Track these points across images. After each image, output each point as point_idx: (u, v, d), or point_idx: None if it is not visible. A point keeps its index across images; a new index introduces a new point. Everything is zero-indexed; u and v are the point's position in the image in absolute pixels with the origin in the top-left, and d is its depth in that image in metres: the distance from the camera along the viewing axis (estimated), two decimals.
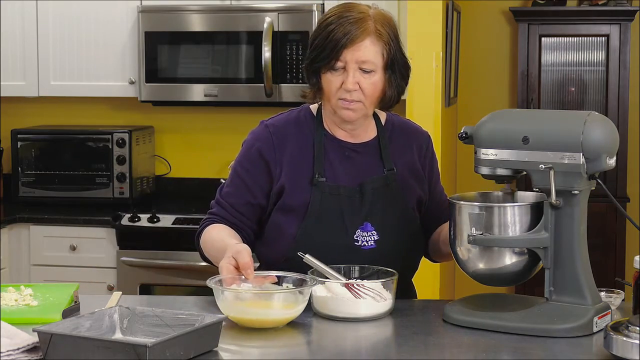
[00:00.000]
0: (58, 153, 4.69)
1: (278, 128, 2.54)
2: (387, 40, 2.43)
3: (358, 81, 2.42)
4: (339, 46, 2.40)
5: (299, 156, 2.50)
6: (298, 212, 2.48)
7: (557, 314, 2.16)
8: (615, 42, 5.10)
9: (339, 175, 2.50)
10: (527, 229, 2.21)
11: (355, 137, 2.54)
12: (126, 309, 2.10)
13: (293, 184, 2.49)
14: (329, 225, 2.47)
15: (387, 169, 2.52)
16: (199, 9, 4.53)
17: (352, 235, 2.47)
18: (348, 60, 2.41)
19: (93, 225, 4.41)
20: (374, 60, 2.42)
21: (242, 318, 2.18)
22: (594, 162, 2.14)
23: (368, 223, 2.48)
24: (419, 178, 2.58)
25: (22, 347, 1.95)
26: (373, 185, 2.50)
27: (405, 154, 2.57)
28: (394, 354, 2.11)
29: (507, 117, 2.30)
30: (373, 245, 2.48)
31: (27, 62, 4.72)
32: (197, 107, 4.84)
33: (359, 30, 2.40)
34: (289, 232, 2.48)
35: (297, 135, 2.53)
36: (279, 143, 2.51)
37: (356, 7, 2.45)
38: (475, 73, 5.42)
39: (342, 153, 2.52)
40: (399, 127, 2.60)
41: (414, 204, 2.56)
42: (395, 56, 2.45)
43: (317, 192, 2.47)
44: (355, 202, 2.49)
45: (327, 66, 2.43)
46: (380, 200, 2.50)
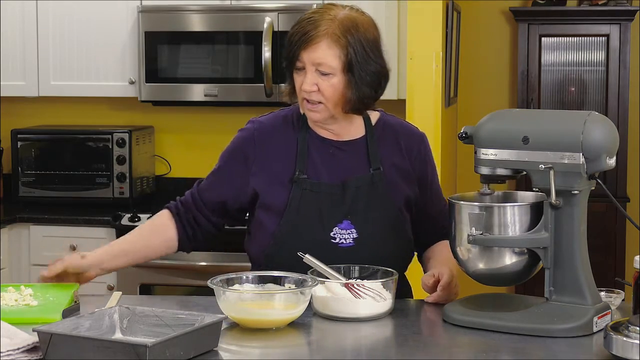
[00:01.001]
0: (58, 153, 4.68)
1: (263, 125, 2.58)
2: (345, 44, 2.41)
3: (316, 82, 2.43)
4: (296, 46, 2.43)
5: (281, 154, 2.53)
6: (278, 209, 2.50)
7: (557, 314, 2.16)
8: (615, 42, 5.10)
9: (322, 173, 2.51)
10: (527, 229, 2.21)
11: (340, 135, 2.55)
12: (126, 309, 2.10)
13: (274, 181, 2.51)
14: (307, 222, 2.48)
15: (373, 168, 2.52)
16: (199, 9, 4.53)
17: (329, 233, 2.48)
18: (305, 61, 2.43)
19: (93, 225, 4.41)
20: (331, 63, 2.42)
21: (243, 318, 2.18)
22: (594, 162, 2.14)
23: (348, 221, 2.49)
24: (408, 178, 2.57)
25: (22, 347, 1.95)
26: (357, 184, 2.50)
27: (394, 153, 2.56)
28: (394, 354, 2.11)
29: (507, 117, 2.30)
30: (351, 243, 2.48)
31: (27, 62, 4.72)
32: (197, 107, 4.84)
33: (315, 32, 2.41)
34: (269, 229, 2.51)
35: (282, 133, 2.55)
36: (261, 140, 2.55)
37: (331, 9, 2.46)
38: (475, 73, 5.42)
39: (325, 151, 2.53)
40: (391, 127, 2.60)
41: (402, 205, 2.55)
42: (356, 61, 2.42)
43: (297, 189, 2.49)
44: (336, 199, 2.49)
45: (291, 66, 2.47)
46: (363, 198, 2.50)
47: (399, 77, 4.38)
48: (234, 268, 2.71)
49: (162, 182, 4.97)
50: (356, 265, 2.42)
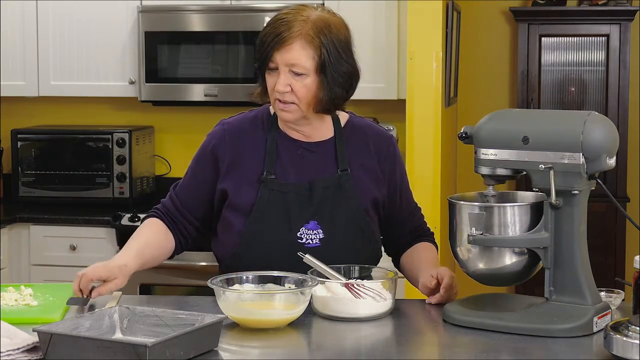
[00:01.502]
0: (58, 153, 4.68)
1: (233, 126, 2.58)
2: (318, 45, 2.42)
3: (290, 83, 2.44)
4: (270, 47, 2.44)
5: (250, 155, 2.54)
6: (246, 209, 2.50)
7: (557, 314, 2.16)
8: (615, 42, 5.10)
9: (290, 174, 2.52)
10: (527, 229, 2.21)
11: (309, 136, 2.56)
12: (126, 309, 2.10)
13: (242, 182, 2.52)
14: (274, 222, 2.48)
15: (341, 169, 2.53)
16: (199, 9, 4.53)
17: (296, 233, 2.48)
18: (279, 62, 2.44)
19: (93, 225, 4.41)
20: (304, 64, 2.43)
21: (243, 318, 2.18)
22: (594, 162, 2.14)
23: (315, 221, 2.49)
24: (377, 180, 2.57)
25: (22, 347, 1.95)
26: (324, 184, 2.51)
27: (362, 154, 2.57)
28: (394, 354, 2.11)
29: (507, 117, 2.30)
30: (318, 243, 2.48)
31: (27, 62, 4.72)
32: (197, 107, 4.84)
33: (289, 33, 2.42)
34: (236, 229, 2.51)
35: (252, 134, 2.56)
36: (230, 141, 2.55)
37: (303, 10, 2.47)
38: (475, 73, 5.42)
39: (294, 152, 2.54)
40: (360, 128, 2.60)
41: (369, 206, 2.55)
42: (329, 61, 2.43)
43: (265, 189, 2.50)
44: (304, 200, 2.50)
45: (263, 66, 2.47)
46: (330, 199, 2.50)
47: (399, 77, 4.39)
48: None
49: (162, 182, 4.97)
50: (356, 265, 2.42)
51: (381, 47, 4.42)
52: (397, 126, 4.48)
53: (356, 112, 2.68)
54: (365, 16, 4.45)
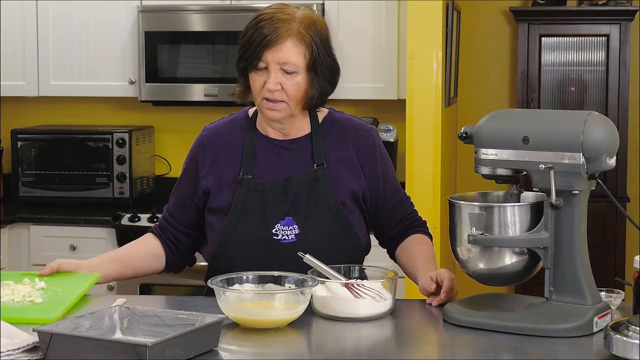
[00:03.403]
0: (58, 153, 4.68)
1: (211, 131, 2.66)
2: (309, 42, 2.46)
3: (280, 82, 2.46)
4: (261, 46, 2.45)
5: (228, 157, 2.58)
6: (224, 210, 2.54)
7: (557, 314, 2.16)
8: (615, 42, 5.10)
9: (266, 173, 2.55)
10: (527, 229, 2.21)
11: (286, 134, 2.58)
12: (126, 309, 2.10)
13: (220, 184, 2.56)
14: (250, 220, 2.51)
15: (316, 164, 2.54)
16: (199, 8, 4.53)
17: (272, 230, 2.50)
18: (269, 60, 2.45)
19: (93, 225, 4.41)
20: (296, 62, 2.45)
21: (243, 318, 2.18)
22: (594, 162, 2.14)
23: (290, 217, 2.51)
24: (355, 173, 2.58)
25: (22, 347, 1.95)
26: (299, 180, 2.53)
27: (339, 148, 2.58)
28: (394, 354, 2.11)
29: (507, 117, 2.30)
30: (293, 239, 2.50)
31: (27, 62, 4.72)
32: (197, 107, 4.84)
33: (280, 32, 2.44)
34: (216, 230, 2.56)
35: (229, 137, 2.61)
36: (208, 146, 2.61)
37: (285, 8, 2.50)
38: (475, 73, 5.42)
39: (271, 151, 2.57)
40: (338, 122, 2.62)
41: (346, 199, 2.55)
42: (319, 58, 2.47)
43: (242, 189, 2.53)
44: (279, 197, 2.52)
45: (251, 65, 2.49)
46: (305, 195, 2.52)
47: (399, 77, 4.39)
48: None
49: (162, 182, 4.97)
50: (356, 265, 2.42)
51: (381, 47, 4.42)
52: (397, 126, 4.48)
53: (356, 112, 2.68)
54: (365, 16, 4.45)
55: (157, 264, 2.69)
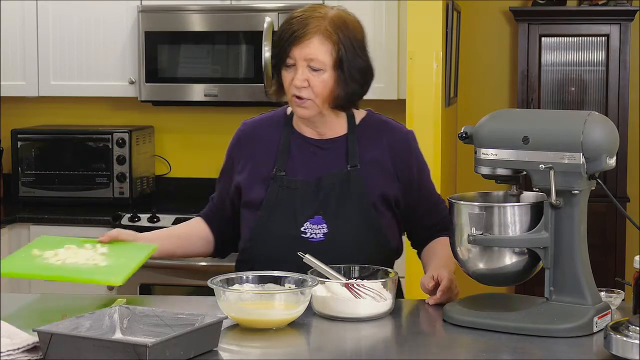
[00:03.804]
0: (58, 153, 4.68)
1: (249, 127, 2.68)
2: (336, 40, 2.49)
3: (307, 78, 2.49)
4: (288, 43, 2.49)
5: (263, 153, 2.61)
6: (256, 205, 2.57)
7: (557, 314, 2.16)
8: (615, 42, 5.10)
9: (300, 170, 2.57)
10: (527, 229, 2.21)
11: (321, 134, 2.60)
12: (126, 309, 2.10)
13: (254, 179, 2.59)
14: (280, 218, 2.54)
15: (350, 165, 2.55)
16: (199, 8, 4.53)
17: (300, 228, 2.52)
18: (297, 57, 2.49)
19: (93, 225, 4.40)
20: (322, 59, 2.48)
21: (243, 318, 2.18)
22: (594, 162, 2.14)
23: (319, 216, 2.53)
24: (388, 176, 2.58)
25: (22, 347, 1.95)
26: (331, 180, 2.54)
27: (374, 150, 2.59)
28: (394, 354, 2.11)
29: (507, 117, 2.30)
30: (322, 238, 2.52)
31: (27, 62, 4.72)
32: (197, 107, 4.84)
33: (307, 29, 2.48)
34: (248, 225, 2.59)
35: (266, 133, 2.64)
36: (245, 141, 2.65)
37: (319, 8, 2.55)
38: (475, 73, 5.42)
39: (306, 149, 2.59)
40: (375, 124, 2.64)
41: (377, 201, 2.56)
42: (346, 58, 2.49)
43: (274, 185, 2.56)
44: (310, 195, 2.54)
45: (281, 63, 2.52)
46: (336, 194, 2.53)
47: (399, 77, 4.39)
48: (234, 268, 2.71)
49: (162, 182, 4.97)
50: (356, 265, 2.42)
51: (381, 47, 4.42)
52: None
53: None
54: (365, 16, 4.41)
55: (207, 248, 2.76)
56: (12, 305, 2.43)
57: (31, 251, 2.46)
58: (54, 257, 2.41)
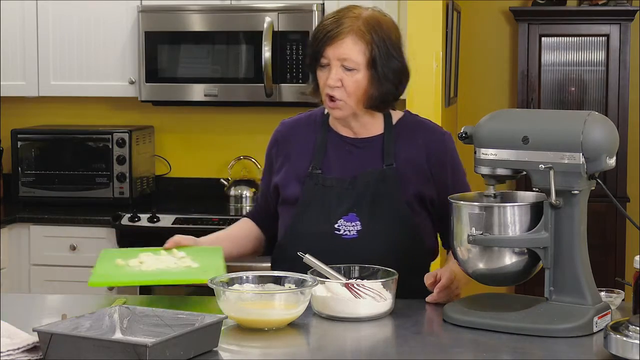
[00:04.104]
0: (58, 153, 4.68)
1: (286, 126, 2.71)
2: (370, 40, 2.50)
3: (341, 78, 2.51)
4: (322, 43, 2.51)
5: (300, 151, 2.63)
6: (292, 202, 2.60)
7: (557, 314, 2.16)
8: (615, 42, 5.10)
9: (335, 169, 2.59)
10: (527, 229, 2.21)
11: (357, 133, 2.62)
12: (126, 309, 2.10)
13: (290, 177, 2.62)
14: (314, 215, 2.56)
15: (385, 164, 2.57)
16: (199, 9, 4.53)
17: (334, 224, 2.54)
18: (330, 57, 2.51)
19: (93, 225, 4.40)
20: (355, 59, 2.50)
21: (243, 318, 2.18)
22: (594, 162, 2.14)
23: (353, 214, 2.54)
24: (423, 176, 2.60)
25: (22, 347, 1.95)
26: (367, 178, 2.56)
27: (410, 150, 2.60)
28: (394, 354, 2.11)
29: (507, 117, 2.30)
30: (355, 235, 2.53)
31: (27, 62, 4.72)
32: (197, 107, 4.84)
33: (341, 28, 2.50)
34: (285, 222, 2.62)
35: (304, 133, 2.66)
36: (283, 140, 2.68)
37: (353, 8, 2.56)
38: (475, 73, 5.42)
39: (342, 148, 2.61)
40: (411, 125, 2.65)
41: (412, 200, 2.57)
42: (380, 58, 2.51)
43: (310, 183, 2.58)
44: (345, 193, 2.55)
45: (315, 63, 2.55)
46: (371, 192, 2.55)
47: None
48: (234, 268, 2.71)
49: (162, 182, 4.97)
50: (356, 265, 2.42)
51: None
52: None
53: None
54: None
55: (259, 246, 2.79)
56: (12, 305, 2.42)
57: (114, 262, 2.45)
58: (141, 265, 2.42)
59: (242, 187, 4.74)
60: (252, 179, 4.77)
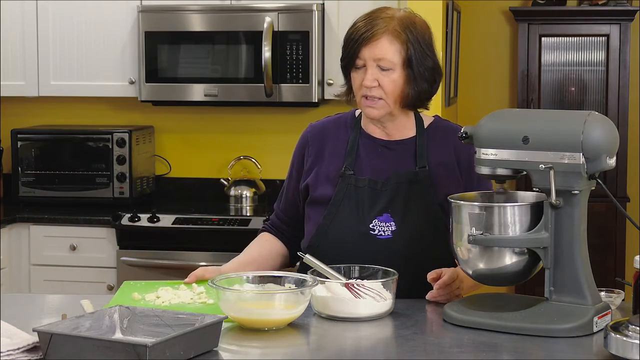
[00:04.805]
0: (58, 153, 4.68)
1: (316, 128, 2.71)
2: (405, 40, 2.52)
3: (377, 78, 2.52)
4: (357, 44, 2.52)
5: (331, 152, 2.64)
6: (323, 202, 2.60)
7: (557, 314, 2.16)
8: (615, 42, 5.10)
9: (368, 170, 2.60)
10: (527, 229, 2.21)
11: (390, 135, 2.63)
12: (126, 309, 2.10)
13: (322, 178, 2.62)
14: (348, 214, 2.56)
15: (419, 166, 2.58)
16: (199, 9, 4.53)
17: (369, 224, 2.54)
18: (366, 57, 2.52)
19: (93, 225, 4.40)
20: (392, 59, 2.51)
21: (243, 318, 2.18)
22: (594, 162, 2.14)
23: (387, 214, 2.55)
24: (454, 178, 2.61)
25: (22, 347, 1.95)
26: (399, 179, 2.57)
27: (442, 153, 2.61)
28: (394, 354, 2.11)
29: (507, 117, 2.30)
30: (389, 235, 2.54)
31: (27, 62, 4.72)
32: (197, 107, 4.84)
33: (375, 29, 2.51)
34: (314, 222, 2.61)
35: (335, 134, 2.67)
36: (313, 141, 2.68)
37: (386, 9, 2.59)
38: (475, 73, 5.42)
39: (374, 149, 2.62)
40: (442, 129, 2.66)
41: (444, 203, 2.56)
42: (416, 57, 2.53)
43: (343, 183, 2.58)
44: (378, 193, 2.56)
45: (350, 64, 2.56)
46: (404, 193, 2.56)
47: None
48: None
49: (162, 182, 4.97)
50: (356, 265, 2.42)
51: None
52: None
53: None
54: None
55: (284, 261, 2.76)
56: (12, 305, 2.42)
57: (131, 295, 2.43)
58: (157, 299, 2.39)
59: (242, 187, 4.74)
60: (252, 179, 4.78)
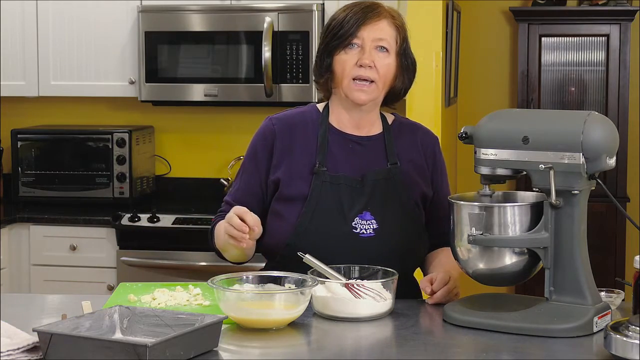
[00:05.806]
0: (58, 153, 4.68)
1: (281, 121, 2.63)
2: (399, 27, 2.56)
3: (374, 59, 2.51)
4: (357, 24, 2.52)
5: (301, 148, 2.58)
6: (298, 201, 2.54)
7: (557, 314, 2.16)
8: (615, 42, 5.10)
9: (341, 166, 2.57)
10: (527, 229, 2.21)
11: (360, 128, 2.61)
12: (126, 309, 2.10)
13: (293, 174, 2.56)
14: (328, 213, 2.52)
15: (390, 163, 2.57)
16: (199, 9, 4.53)
17: (351, 223, 2.52)
18: (365, 37, 2.52)
19: (93, 225, 4.40)
20: (390, 41, 2.54)
21: (243, 318, 2.18)
22: (594, 162, 2.14)
23: (368, 212, 2.53)
24: (423, 175, 2.62)
25: (22, 347, 1.96)
26: (375, 177, 2.55)
27: (411, 150, 2.62)
28: (394, 354, 2.11)
29: (507, 117, 2.30)
30: (372, 233, 2.52)
31: (27, 62, 4.72)
32: (197, 107, 4.84)
33: (376, 11, 2.54)
34: (289, 221, 2.54)
35: (302, 128, 2.61)
36: (281, 135, 2.60)
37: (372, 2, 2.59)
38: (475, 73, 5.42)
39: (345, 145, 2.60)
40: (407, 126, 2.67)
41: (418, 200, 2.60)
42: (406, 47, 2.58)
43: (317, 181, 2.54)
44: (356, 191, 2.54)
45: (342, 45, 2.53)
46: (381, 191, 2.55)
47: None
48: (234, 268, 2.71)
49: (162, 182, 4.97)
50: (356, 265, 2.42)
51: None
52: None
53: None
54: None
55: None
56: (12, 305, 2.42)
57: (127, 297, 2.42)
58: (153, 301, 2.39)
59: None
60: None
